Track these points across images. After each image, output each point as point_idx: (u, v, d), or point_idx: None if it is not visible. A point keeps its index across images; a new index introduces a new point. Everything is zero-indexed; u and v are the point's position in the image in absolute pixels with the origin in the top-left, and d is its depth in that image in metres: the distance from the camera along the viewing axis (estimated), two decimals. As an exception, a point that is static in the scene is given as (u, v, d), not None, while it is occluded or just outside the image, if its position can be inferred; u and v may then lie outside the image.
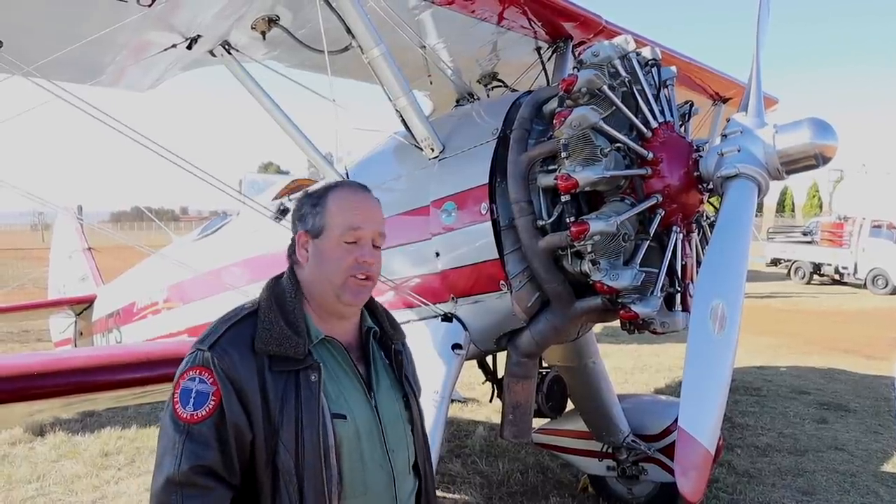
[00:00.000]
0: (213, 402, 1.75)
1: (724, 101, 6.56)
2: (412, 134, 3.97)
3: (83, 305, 8.88)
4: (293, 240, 2.04)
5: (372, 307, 2.15)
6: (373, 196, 2.06)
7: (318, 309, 1.98)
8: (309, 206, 2.02)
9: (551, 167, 3.39)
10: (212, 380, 1.77)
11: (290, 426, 1.79)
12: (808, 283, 24.23)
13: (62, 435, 7.28)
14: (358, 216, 1.96)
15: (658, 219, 3.32)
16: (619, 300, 3.25)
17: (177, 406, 1.77)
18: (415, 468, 2.08)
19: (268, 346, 1.83)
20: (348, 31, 3.64)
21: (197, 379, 1.78)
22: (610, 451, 5.20)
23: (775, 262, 26.62)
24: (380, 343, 2.10)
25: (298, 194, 2.08)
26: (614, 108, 3.27)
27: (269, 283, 2.02)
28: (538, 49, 4.85)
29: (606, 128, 3.19)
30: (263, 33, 3.90)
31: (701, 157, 3.33)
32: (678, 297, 3.53)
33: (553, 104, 3.55)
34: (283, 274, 2.04)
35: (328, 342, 1.95)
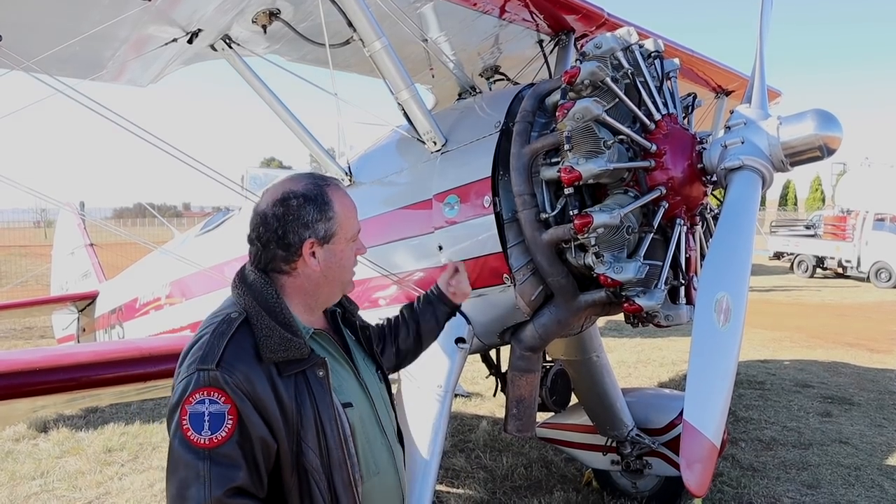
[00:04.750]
0: (231, 421, 1.71)
1: (727, 93, 6.54)
2: (414, 127, 3.96)
3: (86, 302, 8.89)
4: (287, 248, 1.95)
5: None
6: None
7: (302, 307, 1.98)
8: (316, 212, 1.94)
9: (554, 160, 3.37)
10: (224, 398, 1.71)
11: (310, 426, 1.81)
12: (811, 276, 24.18)
13: (65, 431, 7.30)
14: (356, 216, 2.04)
15: (661, 211, 3.30)
16: (623, 293, 3.24)
17: (188, 433, 1.70)
18: (398, 435, 2.15)
19: (276, 354, 1.80)
20: (349, 24, 3.62)
21: (206, 401, 1.72)
22: (614, 445, 5.20)
23: (778, 255, 26.57)
24: (344, 322, 2.18)
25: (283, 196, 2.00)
26: (617, 100, 3.24)
27: (240, 290, 1.96)
28: (540, 42, 4.82)
29: (609, 120, 3.17)
30: (264, 27, 3.88)
31: (704, 149, 3.31)
32: (682, 289, 3.51)
33: (556, 96, 3.53)
34: (244, 279, 1.98)
35: (317, 335, 1.98)
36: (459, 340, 3.78)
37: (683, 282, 3.48)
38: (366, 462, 1.93)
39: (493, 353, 4.86)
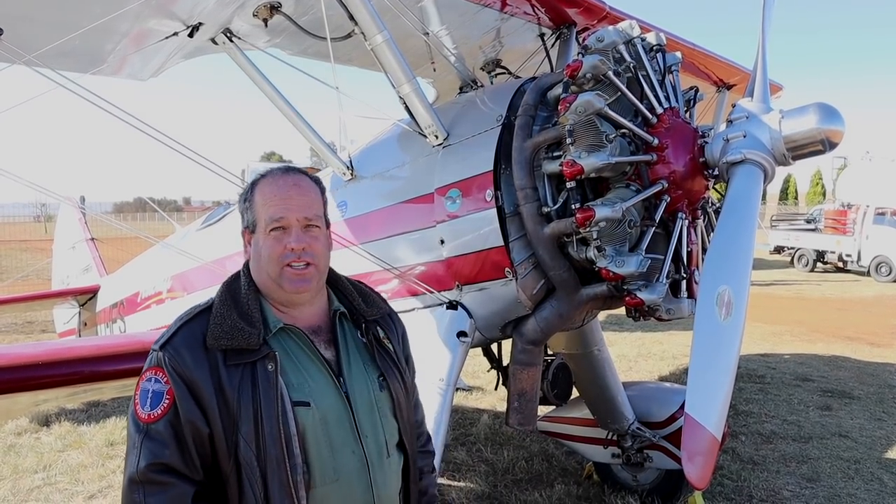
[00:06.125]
0: (167, 401, 1.79)
1: (728, 87, 6.52)
2: (416, 121, 3.96)
3: (87, 296, 8.90)
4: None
5: (339, 286, 2.13)
6: (301, 179, 2.01)
7: (272, 300, 1.98)
8: (242, 202, 2.05)
9: (556, 153, 3.37)
10: (165, 379, 1.81)
11: (248, 418, 1.80)
12: (812, 270, 24.18)
13: (68, 425, 7.30)
14: (279, 205, 1.95)
15: (663, 205, 3.31)
16: (625, 287, 3.24)
17: (137, 407, 1.82)
18: (400, 447, 2.05)
19: (219, 342, 1.84)
20: (351, 17, 3.61)
21: (153, 379, 1.82)
22: (615, 438, 5.20)
23: (778, 249, 26.56)
24: (354, 322, 2.08)
25: None
26: (619, 93, 3.24)
27: (228, 279, 2.05)
28: (542, 35, 4.82)
29: (612, 114, 3.17)
30: (265, 20, 3.87)
31: (706, 142, 3.32)
32: (683, 283, 3.51)
33: (558, 90, 3.53)
34: (239, 271, 2.06)
35: (289, 330, 1.94)
36: (461, 334, 3.79)
37: (685, 276, 3.49)
38: (321, 466, 1.86)
39: (494, 346, 4.87)
